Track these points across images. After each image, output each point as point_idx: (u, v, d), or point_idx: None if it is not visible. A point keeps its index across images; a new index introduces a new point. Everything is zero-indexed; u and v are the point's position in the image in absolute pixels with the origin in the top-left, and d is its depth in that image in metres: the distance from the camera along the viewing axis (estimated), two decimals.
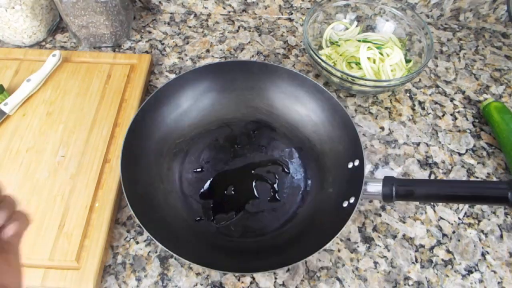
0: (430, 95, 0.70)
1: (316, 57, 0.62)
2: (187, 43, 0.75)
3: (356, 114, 0.66)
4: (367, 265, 0.53)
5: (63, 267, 0.49)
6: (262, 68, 0.61)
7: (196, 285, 0.51)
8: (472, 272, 0.52)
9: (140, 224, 0.46)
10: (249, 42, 0.76)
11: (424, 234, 0.55)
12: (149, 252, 0.53)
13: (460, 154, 0.63)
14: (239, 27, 0.78)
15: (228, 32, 0.77)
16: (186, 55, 0.73)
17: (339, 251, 0.53)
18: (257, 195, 0.57)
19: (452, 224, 0.56)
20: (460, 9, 0.79)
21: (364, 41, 0.69)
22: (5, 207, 0.34)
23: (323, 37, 0.72)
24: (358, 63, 0.66)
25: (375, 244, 0.54)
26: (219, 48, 0.75)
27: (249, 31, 0.77)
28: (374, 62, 0.66)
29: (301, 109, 0.61)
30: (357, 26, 0.73)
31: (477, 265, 0.53)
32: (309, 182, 0.58)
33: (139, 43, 0.75)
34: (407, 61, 0.68)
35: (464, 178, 0.60)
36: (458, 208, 0.57)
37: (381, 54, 0.66)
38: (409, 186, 0.48)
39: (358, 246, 0.54)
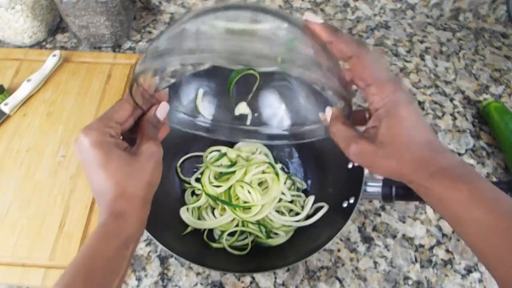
0: (429, 95, 0.70)
1: None
2: None
3: None
4: (366, 265, 0.53)
5: (64, 267, 0.49)
6: None
7: (196, 284, 0.51)
8: (471, 272, 0.52)
9: None
10: None
11: (423, 234, 0.55)
12: (149, 252, 0.53)
13: (459, 154, 0.63)
14: None
15: None
16: None
17: (339, 251, 0.54)
18: None
19: None
20: (460, 9, 0.79)
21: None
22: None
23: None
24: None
25: (375, 244, 0.54)
26: None
27: None
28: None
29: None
30: None
31: (476, 264, 0.53)
32: (309, 182, 0.58)
33: (139, 43, 0.75)
34: None
35: None
36: None
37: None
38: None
39: (358, 246, 0.54)
